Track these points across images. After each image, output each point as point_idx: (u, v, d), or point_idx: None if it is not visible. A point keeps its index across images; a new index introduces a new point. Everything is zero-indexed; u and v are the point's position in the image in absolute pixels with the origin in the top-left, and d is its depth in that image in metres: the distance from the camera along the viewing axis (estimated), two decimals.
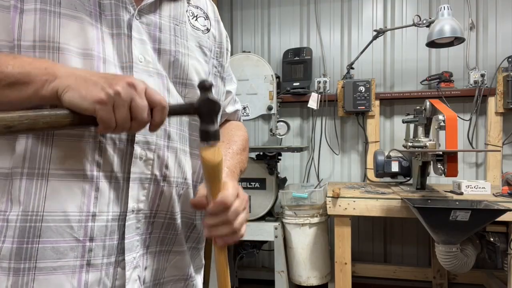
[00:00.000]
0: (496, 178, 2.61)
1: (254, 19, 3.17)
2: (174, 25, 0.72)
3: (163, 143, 0.69)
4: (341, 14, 3.01)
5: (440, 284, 2.68)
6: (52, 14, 0.60)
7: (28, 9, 0.59)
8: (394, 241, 2.93)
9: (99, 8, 0.64)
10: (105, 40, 0.63)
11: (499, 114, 2.62)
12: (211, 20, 0.83)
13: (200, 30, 0.79)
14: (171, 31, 0.72)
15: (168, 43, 0.71)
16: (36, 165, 0.59)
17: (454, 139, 1.95)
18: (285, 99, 2.92)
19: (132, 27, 0.66)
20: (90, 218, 0.61)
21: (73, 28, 0.61)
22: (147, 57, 0.67)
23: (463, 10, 2.76)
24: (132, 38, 0.65)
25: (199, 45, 0.77)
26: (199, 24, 0.79)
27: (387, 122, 2.93)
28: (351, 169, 2.99)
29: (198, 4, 0.81)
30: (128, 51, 0.65)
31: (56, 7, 0.60)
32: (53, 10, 0.60)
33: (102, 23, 0.64)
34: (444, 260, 1.90)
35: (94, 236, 0.61)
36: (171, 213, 0.72)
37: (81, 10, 0.62)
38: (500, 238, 2.01)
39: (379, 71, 2.94)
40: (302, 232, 2.38)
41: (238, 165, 0.80)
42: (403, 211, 2.04)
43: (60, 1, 0.61)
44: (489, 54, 2.73)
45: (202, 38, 0.78)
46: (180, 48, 0.72)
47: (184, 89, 0.72)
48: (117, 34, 0.65)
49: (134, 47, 0.65)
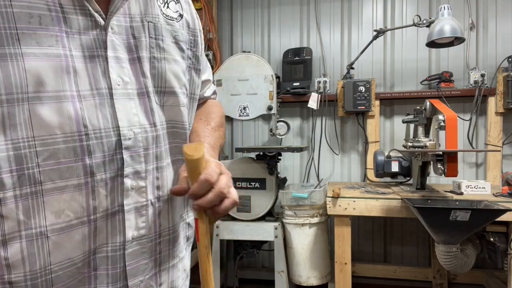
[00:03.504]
0: (496, 178, 2.61)
1: (254, 19, 3.17)
2: (147, 23, 0.66)
3: (152, 167, 0.67)
4: (341, 14, 3.01)
5: (440, 284, 2.68)
6: (13, 58, 0.52)
7: None
8: (394, 241, 2.93)
9: (65, 25, 0.56)
10: (77, 69, 0.57)
11: (499, 114, 2.62)
12: (182, 3, 0.76)
13: (174, 19, 0.72)
14: (145, 31, 0.66)
15: (144, 49, 0.66)
16: (32, 225, 0.56)
17: (454, 139, 1.95)
18: (285, 99, 2.92)
19: (107, 44, 0.60)
20: (92, 253, 0.62)
21: (41, 70, 0.54)
22: (125, 77, 0.63)
23: (463, 10, 2.76)
24: (108, 60, 0.60)
25: (175, 40, 0.72)
26: (171, 11, 0.72)
27: (387, 122, 2.93)
28: (351, 169, 3.00)
29: None
30: (104, 76, 0.60)
31: (16, 48, 0.52)
32: (13, 53, 0.52)
33: (71, 45, 0.57)
34: (444, 260, 1.90)
35: (97, 266, 0.63)
36: (173, 226, 0.73)
37: (45, 42, 0.54)
38: (500, 238, 2.01)
39: (379, 71, 2.94)
40: (302, 232, 2.38)
41: (218, 141, 0.81)
42: (403, 211, 2.04)
43: (19, 38, 0.53)
44: (489, 54, 2.73)
45: (178, 30, 0.72)
46: (156, 53, 0.67)
47: (163, 97, 0.69)
48: (90, 57, 0.59)
49: (111, 70, 0.61)
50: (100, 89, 0.60)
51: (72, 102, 0.56)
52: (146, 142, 0.65)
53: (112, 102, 0.61)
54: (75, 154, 0.57)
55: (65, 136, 0.56)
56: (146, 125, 0.65)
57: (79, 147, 0.57)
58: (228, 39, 3.22)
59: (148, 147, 0.66)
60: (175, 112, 0.71)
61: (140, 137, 0.64)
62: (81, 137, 0.58)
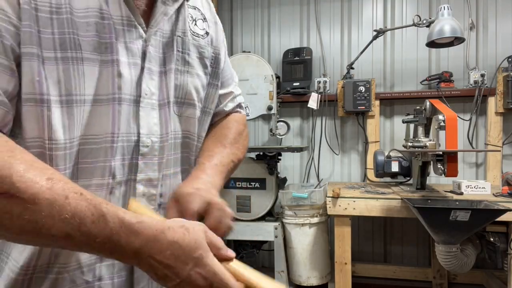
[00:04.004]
0: (496, 178, 2.61)
1: (254, 19, 3.17)
2: (176, 37, 0.70)
3: (162, 175, 0.69)
4: (341, 14, 3.01)
5: (440, 284, 2.68)
6: (74, 62, 0.57)
7: (48, 57, 0.55)
8: (394, 241, 2.93)
9: (114, 34, 0.60)
10: (123, 73, 0.61)
11: (499, 114, 2.62)
12: (209, 22, 0.80)
13: (200, 36, 0.76)
14: (174, 45, 0.70)
15: (172, 62, 0.69)
16: None
17: (454, 139, 1.95)
18: (285, 99, 2.92)
19: (146, 56, 0.65)
20: (99, 259, 0.63)
21: (95, 74, 0.58)
22: (152, 88, 0.66)
23: (463, 10, 2.76)
24: (143, 70, 0.64)
25: (201, 56, 0.75)
26: (198, 28, 0.76)
27: (387, 122, 2.93)
28: (351, 169, 3.00)
29: (195, 4, 0.78)
30: (137, 85, 0.64)
31: (78, 52, 0.57)
32: (75, 57, 0.57)
33: (119, 52, 0.61)
34: (444, 260, 1.90)
35: (102, 275, 0.63)
36: None
37: (99, 49, 0.59)
38: (500, 238, 2.01)
39: (379, 71, 2.94)
40: (302, 232, 2.38)
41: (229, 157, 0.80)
42: (403, 211, 2.04)
43: (80, 43, 0.57)
44: (489, 54, 2.73)
45: (204, 47, 0.76)
46: (181, 66, 0.71)
47: (182, 108, 0.72)
48: (133, 64, 0.63)
49: (143, 80, 0.64)
50: (131, 96, 0.63)
51: (114, 105, 0.60)
52: (161, 150, 0.67)
53: (137, 110, 0.64)
54: (105, 154, 0.60)
55: (102, 137, 0.60)
56: (163, 135, 0.68)
57: (109, 148, 0.60)
58: (228, 39, 3.20)
59: (162, 156, 0.68)
60: (190, 123, 0.74)
61: (156, 146, 0.66)
62: (113, 139, 0.61)
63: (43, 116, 0.55)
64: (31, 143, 0.55)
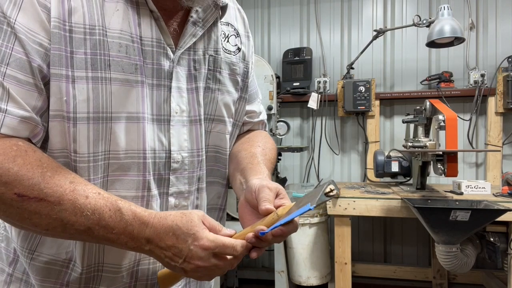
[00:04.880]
0: (496, 178, 2.61)
1: (254, 19, 3.17)
2: (208, 56, 0.72)
3: (194, 188, 0.72)
4: (341, 14, 3.01)
5: (440, 284, 2.68)
6: (103, 81, 0.60)
7: (80, 77, 0.59)
8: (394, 241, 2.93)
9: (142, 55, 0.64)
10: (147, 94, 0.65)
11: (499, 114, 2.62)
12: (242, 37, 0.82)
13: (232, 52, 0.78)
14: (205, 64, 0.72)
15: (202, 80, 0.71)
16: None
17: (454, 139, 1.95)
18: (285, 99, 2.92)
19: (173, 76, 0.67)
20: (136, 264, 0.68)
21: (122, 93, 0.62)
22: (182, 106, 0.69)
23: (463, 10, 2.76)
24: (171, 89, 0.67)
25: (232, 73, 0.77)
26: (230, 45, 0.78)
27: (387, 122, 2.93)
28: (351, 169, 3.00)
29: (228, 21, 0.79)
30: (166, 104, 0.67)
31: (107, 73, 0.60)
32: (104, 77, 0.60)
33: (145, 73, 0.64)
34: (444, 260, 1.90)
35: (138, 277, 0.68)
36: None
37: (127, 70, 0.62)
38: (500, 238, 2.01)
39: (379, 71, 2.94)
40: (302, 232, 2.38)
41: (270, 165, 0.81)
42: (403, 211, 2.04)
43: (110, 64, 0.61)
44: (489, 54, 2.73)
45: (236, 64, 0.78)
46: (212, 84, 0.73)
47: (211, 124, 0.75)
48: (158, 86, 0.66)
49: (172, 99, 0.67)
50: (160, 115, 0.67)
51: (142, 124, 0.64)
52: (191, 165, 0.71)
53: (168, 128, 0.68)
54: (137, 169, 0.64)
55: (131, 153, 0.64)
56: (194, 150, 0.71)
57: (142, 163, 0.64)
58: None
59: (193, 170, 0.71)
60: (220, 138, 0.77)
61: (187, 161, 0.70)
62: (145, 155, 0.65)
63: (69, 131, 0.59)
64: (58, 153, 0.61)
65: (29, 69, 0.56)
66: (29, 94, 0.57)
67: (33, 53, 0.56)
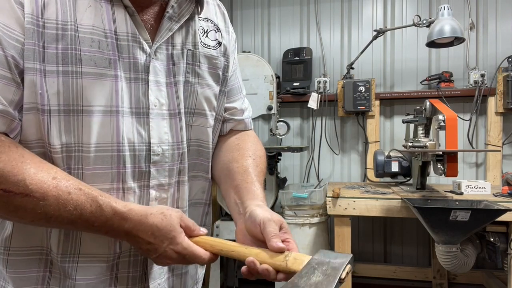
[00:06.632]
0: (496, 178, 2.61)
1: (254, 19, 3.17)
2: (186, 51, 0.73)
3: (174, 180, 0.73)
4: (341, 14, 3.01)
5: (440, 284, 2.68)
6: (74, 75, 0.61)
7: (50, 71, 0.60)
8: (394, 241, 2.93)
9: (117, 50, 0.64)
10: (123, 88, 0.65)
11: (499, 114, 2.62)
12: (222, 32, 0.82)
13: (211, 47, 0.78)
14: (184, 58, 0.72)
15: (181, 74, 0.72)
16: None
17: (454, 139, 1.95)
18: (285, 99, 2.92)
19: (150, 70, 0.68)
20: (116, 256, 0.68)
21: (94, 87, 0.63)
22: (161, 99, 0.70)
23: (463, 10, 2.76)
24: (149, 83, 0.68)
25: (213, 66, 0.77)
26: (209, 40, 0.78)
27: (387, 122, 2.93)
28: (351, 169, 2.99)
29: (207, 16, 0.79)
30: (144, 97, 0.68)
31: (78, 67, 0.61)
32: (75, 71, 0.61)
33: (120, 67, 0.65)
34: (444, 260, 1.90)
35: (119, 270, 0.69)
36: None
37: (100, 64, 0.63)
38: (500, 238, 2.01)
39: (379, 71, 2.94)
40: (302, 232, 2.38)
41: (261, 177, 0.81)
42: (403, 211, 2.04)
43: (81, 59, 0.61)
44: (489, 54, 2.73)
45: (216, 58, 0.78)
46: (191, 78, 0.74)
47: (192, 118, 0.75)
48: (135, 79, 0.67)
49: (150, 92, 0.68)
50: (138, 108, 0.68)
51: (116, 117, 0.65)
52: (172, 158, 0.71)
53: (147, 121, 0.68)
54: (111, 162, 0.65)
55: (104, 146, 0.64)
56: (174, 143, 0.72)
57: (116, 156, 0.65)
58: None
59: (173, 163, 0.72)
60: (202, 132, 0.77)
61: (167, 154, 0.71)
62: (119, 148, 0.65)
63: (44, 123, 0.61)
64: (34, 144, 0.63)
65: (6, 64, 0.58)
66: (6, 89, 0.58)
67: (10, 48, 0.58)
